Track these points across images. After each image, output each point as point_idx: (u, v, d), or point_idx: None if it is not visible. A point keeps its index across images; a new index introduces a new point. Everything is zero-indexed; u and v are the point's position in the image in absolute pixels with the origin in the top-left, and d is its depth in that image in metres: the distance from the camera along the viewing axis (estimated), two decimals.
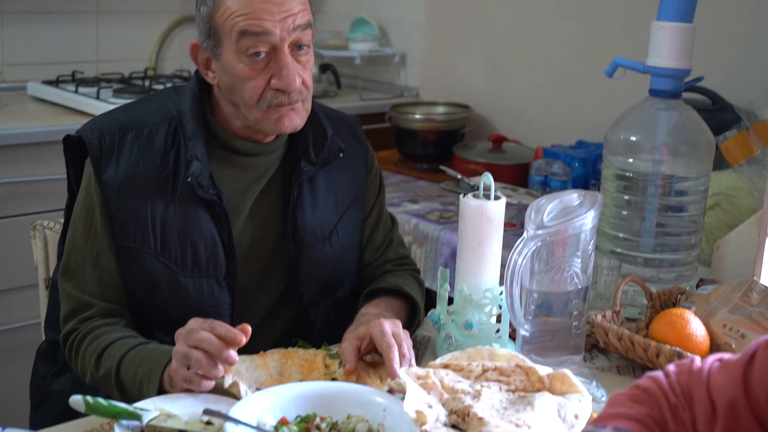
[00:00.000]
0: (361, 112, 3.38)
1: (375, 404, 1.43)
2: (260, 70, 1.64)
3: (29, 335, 2.08)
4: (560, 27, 3.10)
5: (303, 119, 1.71)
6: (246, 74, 1.64)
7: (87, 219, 1.69)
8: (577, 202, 1.68)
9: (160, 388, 1.52)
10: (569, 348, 1.70)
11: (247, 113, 1.68)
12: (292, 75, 1.63)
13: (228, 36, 1.63)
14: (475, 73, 3.41)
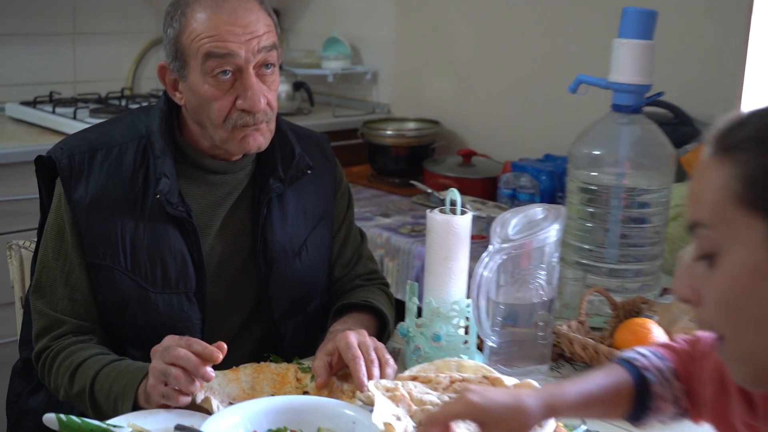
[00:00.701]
0: (333, 129, 3.40)
1: (344, 417, 1.43)
2: (226, 91, 1.63)
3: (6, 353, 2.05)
4: (526, 44, 3.11)
5: (267, 139, 1.70)
6: (212, 95, 1.63)
7: (58, 237, 1.68)
8: (541, 216, 1.69)
9: (134, 404, 1.51)
10: (536, 358, 1.70)
11: (213, 133, 1.67)
12: (257, 96, 1.63)
13: (194, 57, 1.63)
14: (445, 89, 3.41)
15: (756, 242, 0.89)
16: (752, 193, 0.89)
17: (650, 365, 1.24)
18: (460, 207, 1.67)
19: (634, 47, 1.94)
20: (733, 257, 0.91)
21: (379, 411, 1.37)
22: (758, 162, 0.89)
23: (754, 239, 0.89)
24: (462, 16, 3.30)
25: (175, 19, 1.64)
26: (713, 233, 0.92)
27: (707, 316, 0.95)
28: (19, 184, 2.65)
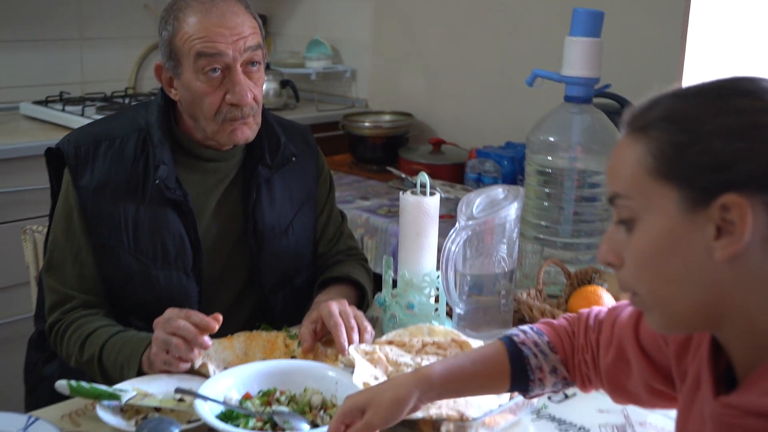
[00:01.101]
0: (317, 122, 3.39)
1: (328, 378, 1.43)
2: (216, 87, 1.62)
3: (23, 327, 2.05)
4: (488, 44, 3.11)
5: (254, 131, 1.69)
6: (203, 91, 1.62)
7: (66, 221, 1.66)
8: (502, 196, 1.69)
9: (139, 371, 1.51)
10: (499, 323, 1.70)
11: (205, 126, 1.66)
12: (244, 90, 1.62)
13: (187, 57, 1.62)
14: (417, 85, 3.40)
15: (669, 208, 0.90)
16: (664, 165, 0.90)
17: (527, 340, 1.24)
18: (430, 189, 1.67)
19: (583, 44, 1.94)
20: (650, 222, 0.92)
21: (358, 372, 1.38)
22: (668, 138, 0.90)
23: (668, 205, 0.90)
24: (431, 20, 3.30)
25: (169, 23, 1.63)
26: (631, 202, 0.94)
27: (627, 277, 0.96)
28: (33, 175, 2.62)
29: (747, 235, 0.86)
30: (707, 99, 0.91)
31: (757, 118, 0.88)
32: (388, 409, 1.17)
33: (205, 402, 1.33)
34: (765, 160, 0.86)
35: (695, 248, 0.89)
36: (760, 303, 0.90)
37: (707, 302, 0.91)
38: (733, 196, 0.86)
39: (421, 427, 1.33)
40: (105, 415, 1.35)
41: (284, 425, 1.32)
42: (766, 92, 0.89)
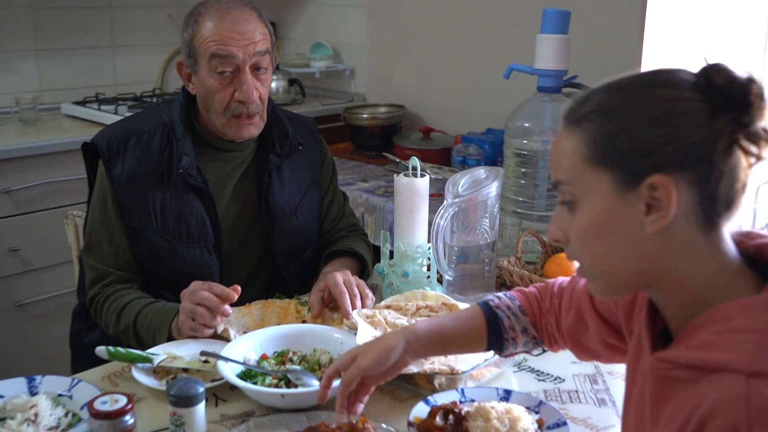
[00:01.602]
0: (321, 115, 3.36)
1: (334, 339, 1.42)
2: (226, 85, 1.61)
3: (68, 300, 2.03)
4: (470, 43, 3.08)
5: (259, 128, 1.68)
6: (215, 88, 1.61)
7: (102, 207, 1.65)
8: (484, 176, 1.67)
9: (168, 336, 1.50)
10: (483, 287, 1.69)
11: (215, 119, 1.64)
12: (250, 90, 1.60)
13: (203, 56, 1.60)
14: (408, 80, 3.38)
15: (604, 190, 0.90)
16: (597, 153, 0.90)
17: (501, 304, 1.24)
18: (420, 171, 1.65)
19: (553, 40, 1.92)
20: (588, 204, 0.92)
21: (361, 333, 1.36)
22: (598, 128, 0.90)
23: (602, 188, 0.90)
24: (420, 23, 3.26)
25: (189, 26, 1.61)
26: (571, 188, 0.93)
27: (572, 251, 0.96)
28: (73, 167, 2.60)
29: (673, 209, 0.87)
30: (631, 91, 0.91)
31: (674, 106, 0.87)
32: (375, 355, 1.17)
33: (227, 363, 1.32)
34: (684, 143, 0.86)
35: (629, 224, 0.90)
36: (685, 269, 0.90)
37: (641, 270, 0.92)
38: (658, 177, 0.86)
39: (417, 380, 1.32)
40: (139, 376, 1.35)
41: (296, 381, 1.31)
42: (682, 82, 0.89)
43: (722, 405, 0.80)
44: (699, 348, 0.87)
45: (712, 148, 0.86)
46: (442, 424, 1.16)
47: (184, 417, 1.18)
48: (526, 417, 1.17)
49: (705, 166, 0.86)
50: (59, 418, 1.21)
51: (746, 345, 0.83)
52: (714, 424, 0.80)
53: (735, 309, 0.86)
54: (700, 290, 0.90)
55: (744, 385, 0.80)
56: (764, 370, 0.80)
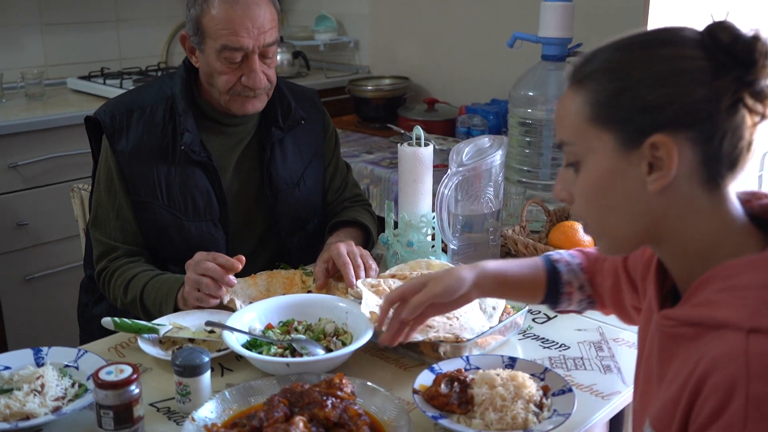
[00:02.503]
0: (326, 87, 3.33)
1: (339, 309, 1.40)
2: (234, 70, 1.58)
3: (76, 273, 2.02)
4: (473, 12, 3.03)
5: (264, 103, 1.66)
6: (222, 71, 1.58)
7: (108, 182, 1.63)
8: (488, 144, 1.64)
9: (175, 307, 1.49)
10: (488, 256, 1.67)
11: (218, 96, 1.62)
12: (258, 77, 1.58)
13: (212, 39, 1.56)
14: (412, 52, 3.33)
15: (607, 149, 0.90)
16: (600, 112, 0.89)
17: (562, 259, 1.25)
18: (424, 141, 1.63)
19: (557, 8, 1.88)
20: (592, 163, 0.92)
21: (365, 302, 1.35)
22: (602, 88, 0.89)
23: (605, 147, 0.90)
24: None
25: (198, 3, 1.57)
26: (575, 148, 0.93)
27: (577, 210, 0.97)
28: (79, 141, 2.57)
29: (674, 169, 0.86)
30: (636, 50, 0.89)
31: (677, 65, 0.86)
32: (448, 283, 1.18)
33: (232, 333, 1.30)
34: (686, 102, 0.85)
35: (631, 183, 0.90)
36: (688, 228, 0.90)
37: (645, 228, 0.92)
38: (660, 136, 0.86)
39: (422, 348, 1.31)
40: (145, 346, 1.34)
41: (302, 350, 1.29)
42: (685, 40, 0.87)
43: (721, 360, 0.81)
44: (702, 305, 0.87)
45: (716, 107, 0.85)
46: (447, 392, 1.14)
47: (189, 386, 1.17)
48: (531, 384, 1.16)
49: (708, 125, 0.85)
50: (66, 388, 1.21)
51: (746, 302, 0.83)
52: (713, 380, 0.81)
53: (738, 267, 0.86)
54: (705, 248, 0.90)
55: (743, 341, 0.80)
56: (763, 326, 0.80)
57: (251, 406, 1.14)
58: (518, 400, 1.12)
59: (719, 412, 0.79)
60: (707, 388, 0.81)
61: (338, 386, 1.11)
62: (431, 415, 1.12)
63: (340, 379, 1.13)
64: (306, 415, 1.06)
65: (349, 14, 3.57)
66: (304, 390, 1.10)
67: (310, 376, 1.19)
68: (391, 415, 1.11)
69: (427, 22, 3.23)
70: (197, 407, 1.12)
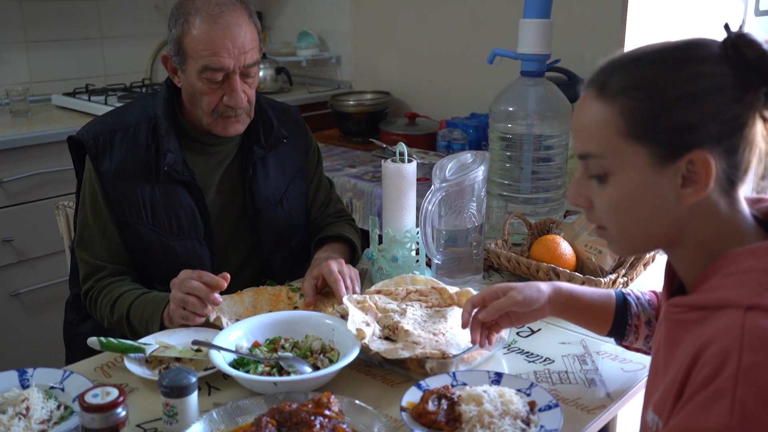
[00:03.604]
0: (308, 102, 3.31)
1: (326, 326, 1.37)
2: (215, 90, 1.56)
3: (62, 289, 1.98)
4: (453, 29, 3.02)
5: (245, 125, 1.63)
6: (204, 91, 1.56)
7: (93, 202, 1.59)
8: (470, 160, 1.63)
9: (161, 326, 1.46)
10: (472, 270, 1.65)
11: (201, 117, 1.60)
12: (239, 97, 1.56)
13: (193, 60, 1.53)
14: (393, 67, 3.32)
15: (641, 164, 0.89)
16: (635, 128, 0.89)
17: (632, 293, 1.26)
18: (407, 157, 1.61)
19: (536, 25, 1.87)
20: (624, 176, 0.91)
21: (352, 320, 1.33)
22: (639, 105, 0.88)
23: (639, 162, 0.89)
24: (404, 10, 3.20)
25: (179, 23, 1.54)
26: (604, 161, 0.92)
27: (597, 217, 0.97)
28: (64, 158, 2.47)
29: (711, 184, 0.87)
30: (670, 65, 0.88)
31: (712, 82, 0.86)
32: (528, 293, 1.21)
33: (218, 351, 1.27)
34: (722, 119, 0.86)
35: (664, 195, 0.90)
36: (709, 230, 0.91)
37: (667, 233, 0.93)
38: (699, 153, 0.86)
39: (408, 365, 1.28)
40: (132, 366, 1.30)
41: (289, 368, 1.26)
42: (714, 57, 0.88)
43: (719, 333, 0.82)
44: (708, 291, 0.89)
45: (744, 121, 0.86)
46: (434, 409, 1.12)
47: (176, 407, 1.13)
48: (517, 400, 1.14)
49: (736, 138, 0.87)
50: (51, 411, 1.17)
51: (748, 283, 0.85)
52: (709, 351, 0.82)
53: (741, 254, 0.88)
54: (716, 245, 0.91)
55: (741, 316, 0.82)
56: (761, 303, 0.82)
57: (239, 427, 1.11)
58: (506, 417, 1.10)
59: (711, 379, 0.80)
60: (703, 358, 0.83)
61: (326, 405, 1.09)
62: None
63: (328, 398, 1.10)
64: None
65: (331, 30, 3.55)
66: (292, 410, 1.07)
67: (297, 394, 1.16)
68: None
69: (407, 37, 3.22)
70: (184, 428, 1.09)
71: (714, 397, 0.79)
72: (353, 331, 1.30)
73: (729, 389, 0.78)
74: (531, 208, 1.96)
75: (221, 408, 1.14)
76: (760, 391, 0.77)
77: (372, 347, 1.28)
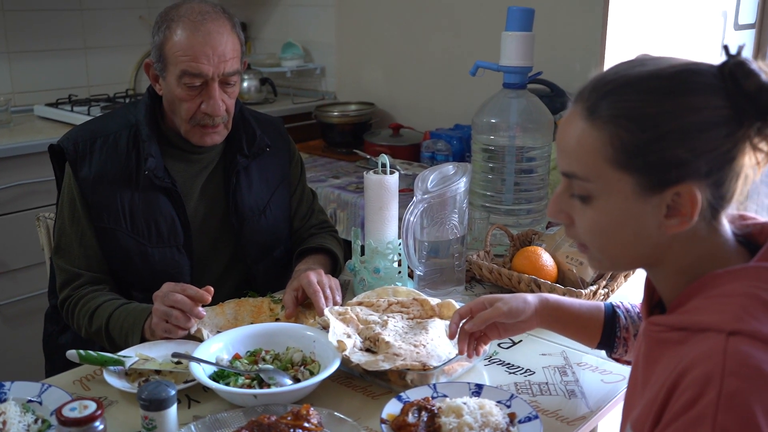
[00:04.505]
0: (293, 113, 3.31)
1: (307, 337, 1.37)
2: (194, 97, 1.56)
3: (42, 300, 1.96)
4: (437, 41, 3.04)
5: (223, 136, 1.64)
6: (183, 97, 1.55)
7: (71, 208, 1.58)
8: (452, 171, 1.63)
9: (141, 338, 1.44)
10: (454, 281, 1.65)
11: (180, 124, 1.60)
12: (217, 104, 1.56)
13: (173, 66, 1.54)
14: (377, 78, 3.33)
15: (626, 191, 0.89)
16: (623, 157, 0.87)
17: (622, 306, 1.26)
18: (390, 168, 1.61)
19: (517, 38, 1.88)
20: (608, 201, 0.90)
21: (333, 331, 1.32)
22: (629, 135, 0.86)
23: (624, 189, 0.88)
24: (387, 21, 3.21)
25: (161, 30, 1.54)
26: (589, 185, 0.91)
27: (577, 234, 0.96)
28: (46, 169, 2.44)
29: (696, 216, 0.87)
30: (663, 96, 0.85)
31: (705, 116, 0.84)
32: (516, 304, 1.22)
33: (199, 364, 1.27)
34: (713, 155, 0.85)
35: (647, 223, 0.89)
36: (689, 255, 0.91)
37: (648, 256, 0.93)
38: (686, 186, 0.86)
39: (389, 377, 1.28)
40: (111, 379, 1.29)
41: (269, 381, 1.26)
42: (709, 87, 0.85)
43: (700, 358, 0.82)
44: (689, 312, 0.89)
45: (734, 155, 0.85)
46: (414, 421, 1.12)
47: (155, 420, 1.12)
48: (497, 412, 1.14)
49: (725, 171, 0.86)
50: (29, 425, 1.16)
51: (730, 307, 0.84)
52: (690, 375, 0.82)
53: (723, 276, 0.88)
54: (696, 267, 0.91)
55: (723, 341, 0.81)
56: (743, 328, 0.81)
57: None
58: (485, 429, 1.10)
59: (692, 403, 0.80)
60: (684, 383, 0.82)
61: (305, 417, 1.09)
62: None
63: (307, 410, 1.10)
64: None
65: (315, 42, 3.56)
66: (271, 423, 1.07)
67: (276, 407, 1.16)
68: None
69: (391, 49, 3.23)
70: None
71: (695, 422, 0.78)
72: (334, 343, 1.30)
73: (710, 415, 0.77)
74: (513, 219, 1.96)
75: (200, 421, 1.13)
76: (740, 418, 0.77)
77: (353, 359, 1.28)
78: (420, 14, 3.09)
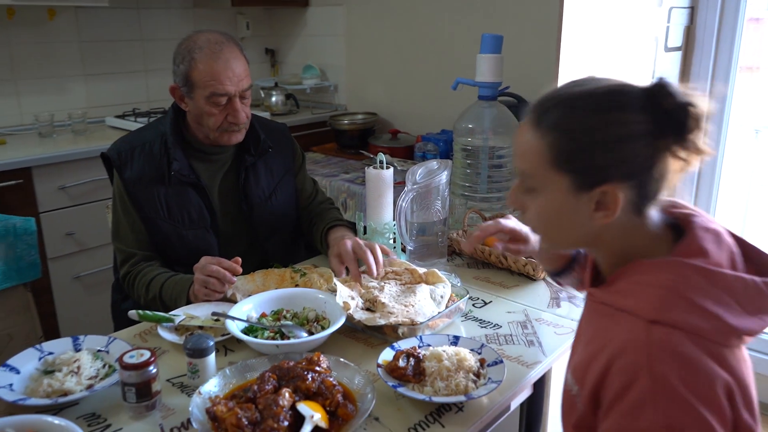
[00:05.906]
0: (312, 122, 3.29)
1: (319, 300, 1.38)
2: (221, 111, 1.56)
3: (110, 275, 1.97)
4: (426, 62, 3.02)
5: (243, 135, 1.64)
6: (211, 113, 1.56)
7: (122, 203, 1.60)
8: (436, 166, 1.62)
9: (187, 301, 1.45)
10: (437, 254, 1.65)
11: (208, 133, 1.60)
12: (240, 115, 1.57)
13: (201, 89, 1.53)
14: (379, 93, 3.31)
15: (561, 188, 0.88)
16: (559, 160, 0.87)
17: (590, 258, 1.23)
18: (386, 164, 1.61)
19: (490, 59, 1.87)
20: (547, 195, 0.90)
21: (339, 294, 1.32)
22: (564, 144, 0.86)
23: (560, 186, 0.88)
24: (387, 47, 3.20)
25: (186, 60, 1.53)
26: (533, 180, 0.90)
27: (528, 221, 0.95)
28: None
29: (618, 211, 0.86)
30: (595, 111, 0.85)
31: (625, 130, 0.83)
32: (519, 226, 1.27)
33: (233, 321, 1.27)
34: (634, 162, 0.84)
35: (580, 215, 0.89)
36: (617, 239, 0.90)
37: (583, 240, 0.93)
38: (609, 187, 0.85)
39: (385, 330, 1.28)
40: (163, 333, 1.30)
41: (289, 334, 1.26)
42: (631, 103, 0.84)
43: (627, 346, 0.80)
44: (615, 293, 0.87)
45: (654, 162, 0.84)
46: (404, 365, 1.12)
47: (198, 365, 1.13)
48: (470, 357, 1.14)
49: (645, 175, 0.85)
50: (98, 369, 1.16)
51: (650, 297, 0.82)
52: (618, 364, 0.80)
53: (648, 266, 0.86)
54: (626, 251, 0.90)
55: (645, 331, 0.79)
56: (661, 318, 0.80)
57: (247, 381, 1.11)
58: (460, 371, 1.10)
59: (624, 392, 0.78)
60: (613, 370, 0.80)
61: (317, 362, 1.09)
62: (392, 385, 1.09)
63: (318, 356, 1.10)
64: (291, 387, 1.03)
65: (330, 64, 3.55)
66: (289, 366, 1.07)
67: (294, 354, 1.16)
68: (359, 385, 1.09)
69: (390, 69, 3.22)
70: (204, 382, 1.09)
71: (636, 406, 0.77)
72: (340, 304, 1.30)
73: (648, 400, 0.76)
74: (486, 205, 1.95)
75: (233, 366, 1.13)
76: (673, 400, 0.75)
77: (355, 317, 1.28)
78: (413, 41, 3.07)
